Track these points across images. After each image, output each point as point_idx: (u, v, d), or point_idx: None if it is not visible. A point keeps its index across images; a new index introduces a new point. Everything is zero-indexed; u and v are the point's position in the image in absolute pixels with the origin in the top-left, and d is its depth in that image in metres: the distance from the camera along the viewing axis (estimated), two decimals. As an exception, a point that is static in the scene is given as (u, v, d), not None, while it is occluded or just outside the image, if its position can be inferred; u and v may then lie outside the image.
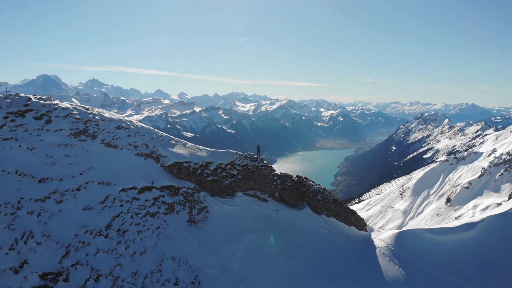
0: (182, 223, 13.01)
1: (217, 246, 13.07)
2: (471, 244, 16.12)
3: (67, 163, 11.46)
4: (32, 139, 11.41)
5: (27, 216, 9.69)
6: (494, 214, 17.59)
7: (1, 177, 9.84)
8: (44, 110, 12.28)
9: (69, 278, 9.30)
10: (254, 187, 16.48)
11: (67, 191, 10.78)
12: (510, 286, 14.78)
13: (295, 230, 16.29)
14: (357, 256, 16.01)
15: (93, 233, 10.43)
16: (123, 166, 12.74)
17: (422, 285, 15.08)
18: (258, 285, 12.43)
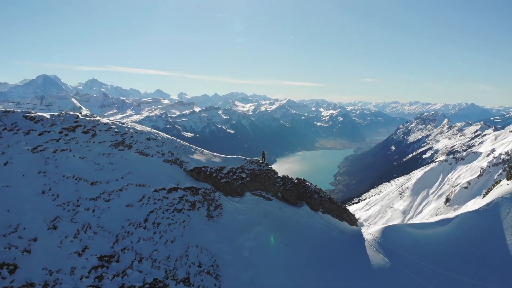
0: (202, 217, 15.63)
1: (230, 236, 15.73)
2: (446, 236, 18.78)
3: (111, 169, 14.05)
4: (83, 150, 13.98)
5: (84, 212, 12.29)
6: (467, 211, 20.28)
7: (62, 181, 12.47)
8: (90, 126, 14.91)
9: (119, 260, 11.90)
10: (260, 188, 19.09)
11: (113, 192, 13.37)
12: (478, 271, 17.56)
13: (295, 224, 18.92)
14: (349, 247, 18.68)
15: (135, 225, 13.02)
16: (154, 170, 15.36)
17: (403, 271, 17.81)
18: (264, 268, 15.13)
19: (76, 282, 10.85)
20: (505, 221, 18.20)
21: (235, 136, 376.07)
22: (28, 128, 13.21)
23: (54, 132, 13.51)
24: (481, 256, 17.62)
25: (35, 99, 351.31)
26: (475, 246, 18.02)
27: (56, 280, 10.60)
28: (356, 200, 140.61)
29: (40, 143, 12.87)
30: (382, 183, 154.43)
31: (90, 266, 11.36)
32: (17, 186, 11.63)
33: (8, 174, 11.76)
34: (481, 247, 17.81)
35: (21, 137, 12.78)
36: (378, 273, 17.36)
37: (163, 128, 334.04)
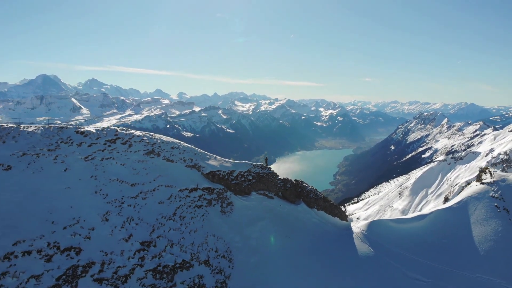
0: (217, 212, 18.89)
1: (240, 228, 18.99)
2: (422, 230, 22.11)
3: (145, 173, 17.33)
4: (122, 158, 17.27)
5: (128, 207, 15.57)
6: (440, 208, 23.68)
7: (109, 183, 15.75)
8: (127, 138, 18.19)
9: (156, 245, 15.18)
10: (264, 188, 22.31)
11: (148, 191, 16.66)
12: (449, 259, 20.97)
13: (294, 219, 22.15)
14: (339, 238, 21.98)
15: (166, 218, 16.30)
16: (178, 174, 18.60)
17: (385, 259, 21.21)
18: (268, 254, 18.43)
19: (125, 261, 14.25)
20: (472, 216, 21.56)
21: (234, 136, 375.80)
22: (80, 141, 16.53)
23: (99, 143, 16.84)
24: (451, 246, 21.03)
25: (35, 99, 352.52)
26: (446, 238, 21.42)
27: (110, 259, 14.00)
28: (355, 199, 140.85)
29: (90, 153, 16.18)
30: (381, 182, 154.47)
31: (134, 249, 14.76)
32: (76, 188, 14.98)
33: (68, 178, 15.11)
34: (451, 239, 21.20)
35: (75, 148, 16.08)
36: (364, 260, 20.77)
37: (163, 127, 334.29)
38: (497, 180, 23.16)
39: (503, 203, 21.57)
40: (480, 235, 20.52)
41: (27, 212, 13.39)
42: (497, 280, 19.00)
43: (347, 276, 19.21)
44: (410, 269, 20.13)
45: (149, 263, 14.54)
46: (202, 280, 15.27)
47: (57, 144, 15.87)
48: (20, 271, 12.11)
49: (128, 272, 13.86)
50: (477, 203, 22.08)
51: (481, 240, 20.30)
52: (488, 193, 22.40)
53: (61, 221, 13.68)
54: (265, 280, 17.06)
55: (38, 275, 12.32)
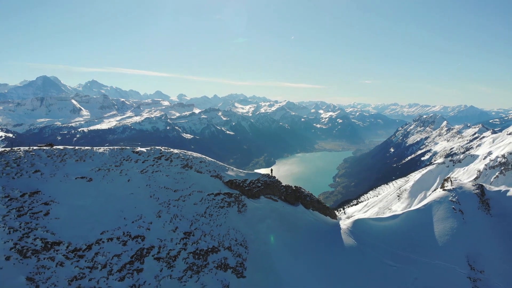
0: (235, 212, 24.76)
1: (252, 224, 24.85)
2: (396, 226, 28.06)
3: (183, 182, 23.21)
4: (166, 170, 23.18)
5: (173, 207, 21.46)
6: (409, 210, 29.70)
7: (159, 190, 21.62)
8: (168, 155, 24.11)
9: (194, 235, 21.04)
10: (270, 193, 28.01)
11: (186, 196, 22.54)
12: (415, 249, 26.97)
13: (293, 218, 27.98)
14: (330, 233, 27.84)
15: (199, 215, 22.17)
16: (206, 182, 24.48)
17: (366, 249, 27.22)
18: (274, 244, 24.31)
19: (174, 246, 20.27)
20: (434, 216, 27.54)
21: (234, 138, 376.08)
22: (136, 158, 22.50)
23: (150, 160, 22.78)
24: (417, 239, 27.07)
25: (35, 100, 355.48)
26: (414, 233, 27.47)
27: (164, 244, 20.03)
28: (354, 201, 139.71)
29: (144, 167, 22.13)
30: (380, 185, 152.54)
31: (179, 237, 20.79)
32: (137, 193, 20.98)
33: (130, 187, 21.11)
34: (417, 234, 27.22)
35: (133, 164, 22.03)
36: (349, 250, 26.81)
37: (163, 129, 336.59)
38: (455, 188, 29.17)
39: (459, 205, 27.58)
40: (439, 230, 26.54)
41: (107, 211, 19.40)
42: (451, 266, 25.06)
43: (336, 261, 25.22)
44: (384, 257, 26.16)
45: (190, 247, 20.55)
46: (227, 261, 21.26)
47: (120, 161, 21.82)
48: (107, 251, 18.12)
49: (176, 253, 19.87)
50: (439, 206, 28.09)
51: (440, 235, 26.33)
52: (448, 198, 28.39)
53: (130, 217, 19.70)
54: (271, 263, 23.03)
55: (119, 254, 18.33)
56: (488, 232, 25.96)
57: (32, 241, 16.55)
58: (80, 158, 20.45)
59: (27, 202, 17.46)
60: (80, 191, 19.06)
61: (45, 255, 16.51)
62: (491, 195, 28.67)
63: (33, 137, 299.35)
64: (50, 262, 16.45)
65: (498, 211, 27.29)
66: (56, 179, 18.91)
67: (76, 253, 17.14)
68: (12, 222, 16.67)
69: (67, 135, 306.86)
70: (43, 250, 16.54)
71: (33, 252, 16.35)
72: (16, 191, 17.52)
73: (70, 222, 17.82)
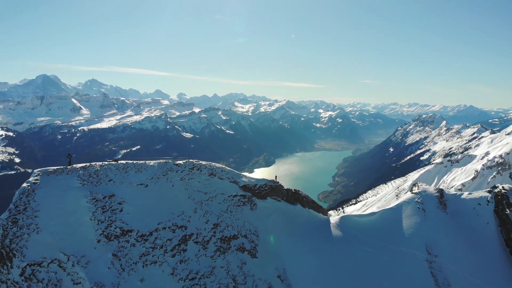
0: (248, 209, 32.66)
1: (261, 219, 32.79)
2: (373, 221, 36.16)
3: (210, 186, 31.07)
4: (197, 178, 31.02)
5: (204, 206, 29.40)
6: (384, 208, 37.86)
7: (193, 192, 29.53)
8: (198, 166, 31.99)
9: (220, 226, 28.99)
10: (275, 195, 35.87)
11: (213, 197, 30.43)
12: (388, 239, 35.17)
13: (293, 214, 35.86)
14: (321, 226, 35.84)
15: (223, 211, 30.06)
16: (226, 186, 32.34)
17: (350, 239, 35.41)
18: (278, 235, 32.35)
19: (207, 233, 28.44)
20: (403, 214, 35.70)
21: (234, 137, 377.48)
22: (177, 169, 30.55)
23: (186, 170, 30.77)
24: (389, 231, 35.24)
25: (35, 99, 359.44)
26: (387, 227, 35.68)
27: (200, 232, 28.19)
28: (353, 201, 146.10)
29: (182, 176, 30.16)
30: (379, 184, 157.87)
31: (210, 228, 28.96)
32: (179, 195, 29.11)
33: (174, 191, 29.21)
34: (390, 227, 35.38)
35: (175, 174, 30.07)
36: (336, 239, 34.99)
37: (163, 128, 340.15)
38: (421, 191, 37.36)
39: (422, 205, 35.76)
40: (406, 225, 34.75)
41: (160, 208, 27.51)
42: (413, 251, 33.23)
43: (326, 248, 33.39)
44: (364, 245, 34.35)
45: (218, 235, 28.71)
46: (244, 245, 29.43)
47: (166, 172, 29.86)
48: (162, 237, 26.24)
49: (209, 239, 28.02)
50: (408, 205, 36.26)
51: (406, 228, 34.53)
52: (415, 199, 36.56)
53: (176, 213, 27.84)
54: (277, 248, 31.20)
55: (170, 239, 26.45)
56: (443, 226, 34.17)
57: (114, 229, 24.67)
58: (138, 170, 28.46)
59: (107, 202, 25.54)
60: (140, 194, 27.10)
61: (122, 238, 24.63)
62: (448, 197, 36.88)
63: (33, 135, 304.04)
64: (126, 244, 24.58)
65: (453, 210, 35.52)
66: (124, 185, 26.95)
67: (142, 238, 25.27)
68: (99, 216, 24.77)
69: (67, 134, 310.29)
70: (121, 235, 24.66)
71: (115, 236, 24.47)
72: (99, 195, 25.59)
73: (137, 216, 25.92)
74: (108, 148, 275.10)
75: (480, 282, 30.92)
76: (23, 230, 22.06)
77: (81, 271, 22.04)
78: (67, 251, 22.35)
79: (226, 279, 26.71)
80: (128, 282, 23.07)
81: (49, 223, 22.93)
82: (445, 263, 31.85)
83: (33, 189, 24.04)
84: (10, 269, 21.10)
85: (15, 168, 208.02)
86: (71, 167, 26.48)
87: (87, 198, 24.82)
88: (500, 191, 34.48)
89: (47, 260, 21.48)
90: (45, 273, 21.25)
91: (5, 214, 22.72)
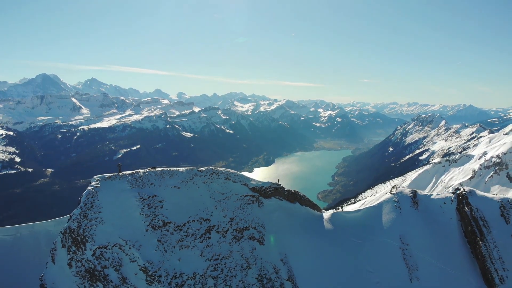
0: (256, 206, 40.92)
1: (267, 214, 41.11)
2: (359, 217, 44.73)
3: (226, 188, 39.35)
4: (216, 181, 39.28)
5: (223, 203, 37.62)
6: (368, 207, 46.47)
7: (215, 193, 38.02)
8: (217, 172, 40.22)
9: (235, 219, 37.61)
10: (278, 195, 44.25)
11: (228, 196, 38.65)
12: (372, 231, 43.80)
13: (292, 211, 44.25)
14: (316, 221, 44.38)
15: (237, 208, 38.23)
16: (239, 188, 40.53)
17: (339, 231, 44.05)
18: (280, 228, 40.76)
19: (225, 225, 37.06)
20: (383, 211, 44.32)
21: (234, 136, 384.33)
22: (200, 174, 39.03)
23: (207, 175, 39.30)
24: (371, 225, 43.88)
25: (35, 99, 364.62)
26: (370, 221, 44.31)
27: (220, 224, 36.79)
28: (352, 200, 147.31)
29: (205, 179, 38.65)
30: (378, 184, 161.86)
31: (228, 220, 37.51)
32: (203, 196, 37.66)
33: (199, 192, 37.75)
34: (372, 222, 44.03)
35: (199, 178, 38.53)
36: (328, 231, 43.62)
37: (163, 128, 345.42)
38: (397, 192, 46.00)
39: (398, 204, 44.42)
40: (385, 220, 43.37)
41: (189, 205, 36.03)
42: (390, 241, 41.86)
43: (319, 238, 41.99)
44: (350, 235, 42.97)
45: (234, 226, 37.23)
46: (254, 235, 37.99)
47: (192, 176, 38.34)
48: (192, 227, 34.79)
49: (227, 229, 36.56)
50: (387, 204, 44.90)
51: (385, 222, 43.16)
52: (392, 199, 45.19)
53: (201, 209, 36.40)
54: (280, 238, 39.74)
55: (198, 229, 34.99)
56: (415, 220, 42.82)
57: (157, 221, 33.16)
58: (171, 175, 36.91)
59: (151, 201, 34.03)
60: (175, 194, 35.57)
61: (164, 228, 33.12)
62: (420, 197, 45.55)
63: (33, 135, 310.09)
64: (166, 232, 33.07)
65: (423, 207, 44.18)
66: (162, 188, 35.42)
67: (178, 228, 33.79)
68: (146, 211, 33.25)
69: (67, 133, 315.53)
70: (163, 226, 33.16)
71: (158, 227, 32.96)
72: (145, 195, 34.07)
73: (173, 211, 34.41)
74: (108, 148, 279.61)
75: (442, 266, 39.61)
76: (91, 222, 30.51)
77: (136, 252, 30.48)
78: (125, 238, 30.78)
79: (240, 261, 35.25)
80: (170, 260, 31.59)
81: (110, 216, 31.36)
82: (414, 250, 40.47)
83: (96, 191, 32.48)
84: (84, 251, 29.70)
85: (15, 168, 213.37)
86: (121, 174, 34.93)
87: (136, 198, 33.28)
88: (461, 192, 43.15)
89: (111, 244, 29.90)
90: (110, 253, 29.72)
91: (77, 210, 31.22)
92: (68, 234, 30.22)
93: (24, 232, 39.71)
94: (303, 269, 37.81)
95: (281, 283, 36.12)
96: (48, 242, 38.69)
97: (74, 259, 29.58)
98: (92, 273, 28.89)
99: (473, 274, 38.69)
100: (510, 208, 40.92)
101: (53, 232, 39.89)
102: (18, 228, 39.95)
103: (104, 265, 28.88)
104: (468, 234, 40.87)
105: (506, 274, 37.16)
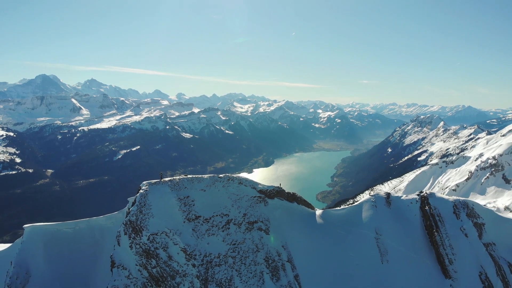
0: (263, 205, 53.21)
1: (271, 211, 53.41)
2: (343, 214, 57.47)
3: (239, 190, 51.62)
4: (231, 185, 51.88)
5: (237, 202, 50.71)
6: (351, 205, 59.27)
7: (232, 194, 50.60)
8: (233, 178, 52.80)
9: (247, 214, 50.43)
10: (279, 196, 56.90)
11: (242, 197, 51.34)
12: (351, 224, 56.70)
13: (291, 209, 56.68)
14: (310, 217, 57.04)
15: (248, 206, 50.80)
16: (249, 190, 52.86)
17: (328, 225, 56.99)
18: (282, 223, 53.36)
19: (240, 219, 49.93)
20: (363, 209, 57.24)
21: (233, 137, 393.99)
22: (220, 180, 51.83)
23: (225, 181, 52.04)
24: (352, 219, 56.92)
25: (35, 99, 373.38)
26: (352, 217, 57.29)
27: (236, 218, 49.65)
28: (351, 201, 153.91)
29: (223, 184, 51.42)
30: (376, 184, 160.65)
31: (241, 215, 50.50)
32: (223, 196, 50.47)
33: (220, 193, 50.58)
34: (354, 217, 57.01)
35: (219, 183, 51.28)
36: (320, 224, 56.61)
37: (163, 128, 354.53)
38: (375, 194, 59.01)
39: (375, 203, 57.37)
40: (364, 216, 56.33)
41: (213, 203, 48.88)
42: (367, 232, 54.81)
43: (312, 230, 54.94)
44: (337, 228, 55.90)
45: (246, 220, 50.12)
46: (261, 227, 50.91)
47: (214, 182, 51.09)
48: (216, 220, 47.69)
49: (241, 222, 49.44)
50: (366, 203, 57.86)
51: (364, 217, 56.13)
52: (371, 199, 58.10)
53: (222, 206, 49.30)
54: (281, 230, 52.69)
55: (220, 221, 47.87)
56: (387, 216, 55.77)
57: (191, 215, 46.00)
58: (199, 181, 49.68)
59: (186, 200, 46.84)
60: (202, 195, 48.38)
61: (196, 221, 45.96)
62: (393, 198, 58.58)
63: (33, 136, 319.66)
64: (198, 224, 45.93)
65: (395, 206, 57.21)
66: (193, 190, 48.20)
67: (206, 220, 46.63)
68: (183, 208, 46.06)
69: (67, 134, 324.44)
70: (195, 219, 46.00)
71: (192, 219, 45.79)
72: (181, 196, 46.87)
73: (201, 208, 47.21)
74: (108, 148, 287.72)
75: (406, 251, 52.66)
76: (145, 216, 43.23)
77: (177, 237, 43.24)
78: (169, 227, 43.51)
79: (251, 245, 48.13)
80: (201, 244, 44.45)
81: (158, 212, 44.09)
82: (386, 239, 53.44)
83: (146, 193, 45.21)
84: (141, 237, 42.37)
85: (16, 168, 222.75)
86: (163, 180, 47.76)
87: (175, 198, 46.06)
88: (424, 194, 56.25)
89: (160, 231, 42.65)
90: (159, 238, 42.49)
91: (134, 207, 43.93)
92: (129, 225, 42.92)
93: (81, 225, 52.00)
94: (300, 253, 50.77)
95: (282, 263, 49.10)
96: (101, 234, 51.33)
97: (134, 243, 42.15)
98: (148, 252, 41.54)
99: (430, 257, 51.74)
100: (461, 207, 54.09)
101: (104, 225, 52.30)
102: (77, 223, 52.26)
103: (156, 247, 41.58)
104: (427, 227, 53.85)
105: (454, 257, 50.32)
